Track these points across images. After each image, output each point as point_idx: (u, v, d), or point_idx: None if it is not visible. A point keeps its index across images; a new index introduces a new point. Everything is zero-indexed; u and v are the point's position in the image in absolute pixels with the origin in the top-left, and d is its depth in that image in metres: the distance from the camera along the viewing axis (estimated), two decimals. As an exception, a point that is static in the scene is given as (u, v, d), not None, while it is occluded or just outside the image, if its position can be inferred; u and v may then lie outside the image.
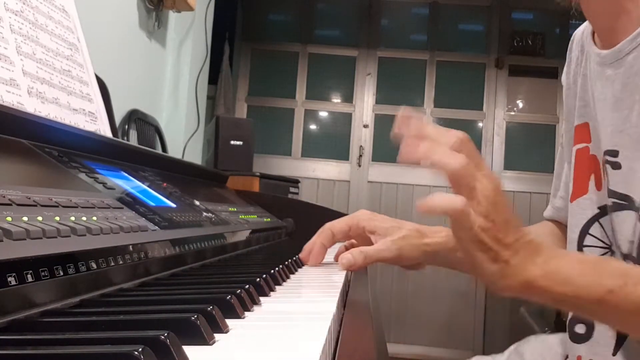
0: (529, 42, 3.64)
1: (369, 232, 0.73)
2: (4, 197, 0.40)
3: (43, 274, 0.36)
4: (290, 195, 1.95)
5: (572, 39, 0.75)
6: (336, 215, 0.80)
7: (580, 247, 0.64)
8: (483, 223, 0.46)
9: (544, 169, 3.56)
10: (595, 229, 0.63)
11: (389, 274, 3.47)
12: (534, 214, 3.50)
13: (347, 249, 0.75)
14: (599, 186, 0.63)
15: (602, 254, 0.62)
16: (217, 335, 0.33)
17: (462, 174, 0.46)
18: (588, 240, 0.64)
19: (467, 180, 0.46)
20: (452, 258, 0.73)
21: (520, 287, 0.47)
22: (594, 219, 0.63)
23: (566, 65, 0.76)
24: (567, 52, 0.75)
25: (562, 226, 0.80)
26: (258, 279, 0.48)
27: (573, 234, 0.66)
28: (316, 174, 3.60)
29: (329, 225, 0.74)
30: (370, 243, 0.73)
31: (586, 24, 0.71)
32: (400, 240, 0.71)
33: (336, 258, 0.75)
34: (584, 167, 0.66)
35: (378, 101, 3.67)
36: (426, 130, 0.47)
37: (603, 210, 0.62)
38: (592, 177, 0.64)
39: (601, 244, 0.62)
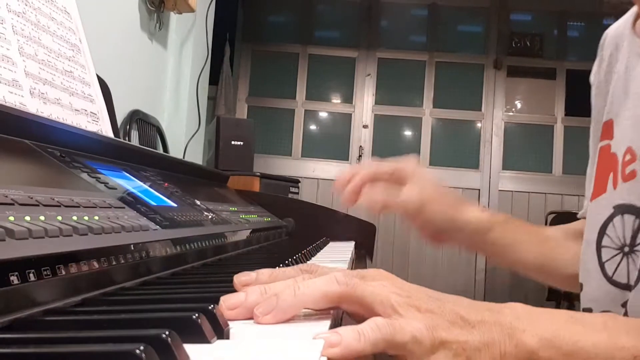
0: (527, 43, 3.65)
1: (409, 179, 0.67)
2: (6, 196, 0.40)
3: (45, 273, 0.36)
4: (290, 195, 1.95)
5: (604, 36, 0.71)
6: (336, 215, 0.80)
7: (599, 247, 0.62)
8: (422, 322, 0.34)
9: (542, 169, 3.57)
10: (610, 229, 0.60)
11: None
12: (532, 213, 3.51)
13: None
14: (615, 184, 0.60)
15: (615, 255, 0.61)
16: (218, 334, 0.33)
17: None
18: (605, 240, 0.61)
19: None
20: (481, 238, 0.68)
21: None
22: (610, 218, 0.61)
23: (597, 63, 0.72)
24: (599, 50, 0.71)
25: None
26: (258, 279, 0.49)
27: (592, 234, 0.63)
28: (316, 174, 3.60)
29: (375, 164, 0.68)
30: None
31: (620, 20, 0.68)
32: (430, 193, 0.64)
33: (354, 197, 0.70)
34: (605, 165, 0.63)
35: (378, 102, 3.67)
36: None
37: (617, 210, 0.60)
38: (611, 175, 0.61)
39: (614, 245, 0.60)
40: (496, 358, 0.34)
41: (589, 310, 0.62)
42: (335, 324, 0.39)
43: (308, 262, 0.75)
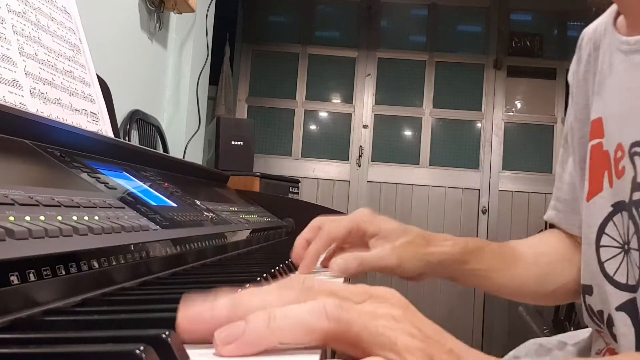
0: (527, 43, 3.65)
1: (370, 237, 0.65)
2: (6, 196, 0.40)
3: (45, 273, 0.36)
4: (290, 195, 1.96)
5: (581, 36, 0.72)
6: (336, 215, 0.79)
7: (598, 247, 0.62)
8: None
9: (542, 169, 3.57)
10: (610, 228, 0.60)
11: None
12: (532, 213, 3.51)
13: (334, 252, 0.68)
14: (611, 183, 0.60)
15: (617, 254, 0.60)
16: (218, 334, 0.33)
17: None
18: (604, 240, 0.60)
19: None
20: (456, 270, 0.68)
21: None
22: (609, 217, 0.60)
23: (575, 63, 0.73)
24: (577, 50, 0.72)
25: (565, 233, 0.75)
26: (258, 278, 0.49)
27: (591, 234, 0.62)
28: (316, 174, 3.60)
29: (327, 230, 0.65)
30: (367, 247, 0.64)
31: (598, 20, 0.69)
32: (402, 248, 0.64)
33: (324, 263, 0.68)
34: (598, 164, 0.63)
35: (377, 102, 3.67)
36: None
37: (616, 208, 0.59)
38: (606, 174, 0.61)
39: (615, 244, 0.59)
40: None
41: (599, 312, 0.62)
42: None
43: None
